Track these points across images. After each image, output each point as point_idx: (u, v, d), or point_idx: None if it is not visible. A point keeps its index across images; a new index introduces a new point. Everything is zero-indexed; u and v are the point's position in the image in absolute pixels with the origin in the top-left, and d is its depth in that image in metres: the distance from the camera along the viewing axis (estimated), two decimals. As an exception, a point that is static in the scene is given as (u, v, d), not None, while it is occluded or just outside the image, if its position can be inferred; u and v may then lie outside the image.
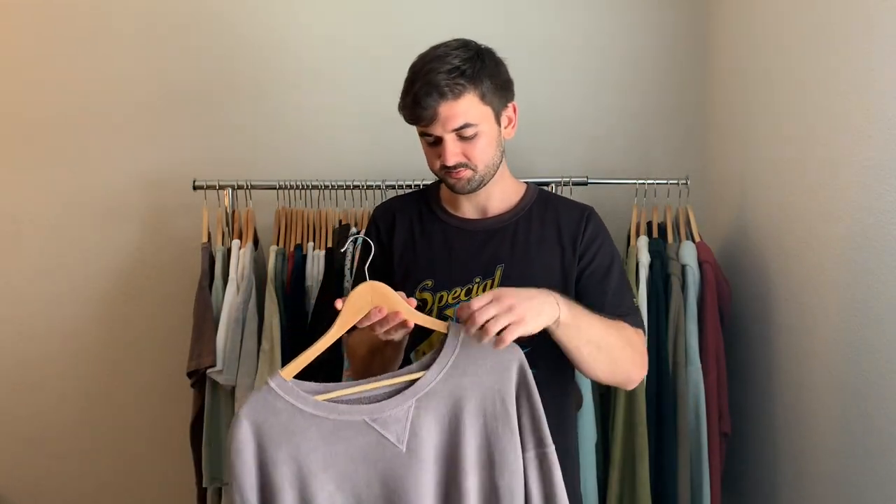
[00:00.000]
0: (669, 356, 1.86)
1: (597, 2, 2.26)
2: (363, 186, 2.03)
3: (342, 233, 1.99)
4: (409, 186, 2.00)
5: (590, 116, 2.27)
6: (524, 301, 1.16)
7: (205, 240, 2.00)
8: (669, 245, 1.95)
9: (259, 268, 2.01)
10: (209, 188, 2.04)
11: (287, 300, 1.95)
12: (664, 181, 2.03)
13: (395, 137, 2.21)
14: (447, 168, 1.34)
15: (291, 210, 2.06)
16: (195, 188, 2.04)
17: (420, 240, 1.44)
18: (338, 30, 2.27)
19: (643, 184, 2.03)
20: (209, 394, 1.91)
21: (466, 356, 1.20)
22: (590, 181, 2.04)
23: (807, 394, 1.70)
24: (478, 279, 1.39)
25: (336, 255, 1.94)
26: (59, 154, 2.28)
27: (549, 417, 1.25)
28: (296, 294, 1.96)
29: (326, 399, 1.19)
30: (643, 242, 1.94)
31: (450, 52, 1.32)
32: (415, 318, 1.22)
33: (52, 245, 2.29)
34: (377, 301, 1.21)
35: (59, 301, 2.30)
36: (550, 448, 1.21)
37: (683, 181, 2.02)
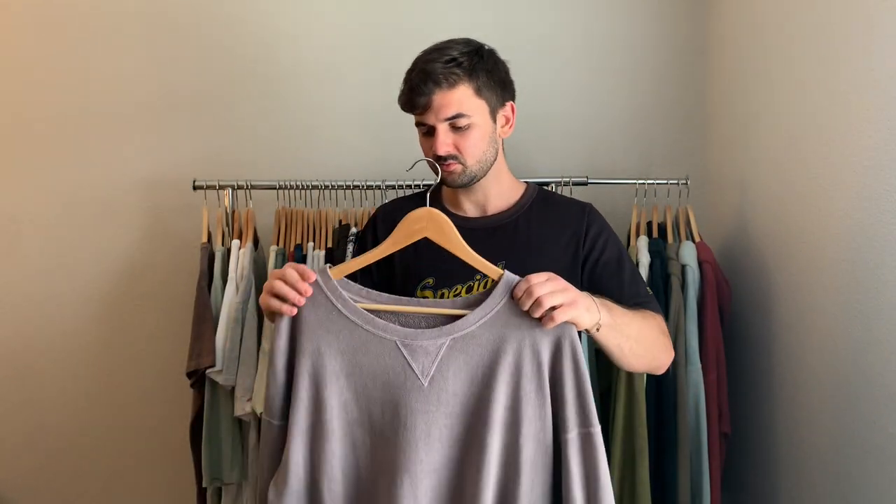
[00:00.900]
0: (669, 356, 1.86)
1: (597, 2, 2.26)
2: (363, 186, 2.03)
3: (342, 233, 1.99)
4: (409, 186, 2.00)
5: (590, 116, 2.27)
6: (574, 291, 1.17)
7: (205, 240, 2.00)
8: (669, 245, 1.95)
9: (259, 268, 2.01)
10: (209, 188, 2.04)
11: (287, 300, 1.94)
12: (664, 181, 2.03)
13: (396, 138, 2.22)
14: (439, 160, 1.36)
15: (291, 210, 2.06)
16: (195, 188, 2.04)
17: (421, 238, 1.45)
18: (338, 30, 2.27)
19: (643, 184, 2.03)
20: (209, 394, 1.91)
21: (512, 309, 1.16)
22: (590, 181, 2.04)
23: (806, 393, 1.70)
24: (478, 276, 1.39)
25: (336, 255, 1.94)
26: (59, 154, 2.28)
27: None
28: (296, 294, 1.96)
29: (366, 308, 1.19)
30: (643, 242, 1.94)
31: (451, 46, 1.36)
32: (468, 258, 1.23)
33: (52, 245, 2.29)
34: (431, 229, 1.22)
35: (59, 301, 2.30)
36: (596, 428, 1.16)
37: (683, 181, 2.02)
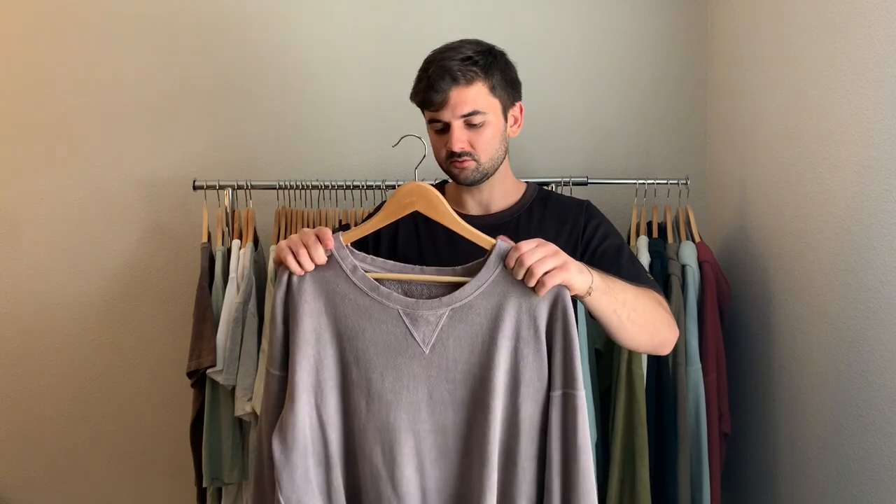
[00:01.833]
0: (669, 356, 1.86)
1: (597, 2, 2.26)
2: (363, 186, 2.03)
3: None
4: (409, 186, 2.00)
5: (590, 116, 2.27)
6: (564, 256, 1.18)
7: (205, 240, 2.00)
8: (669, 245, 1.95)
9: (259, 268, 2.01)
10: (209, 188, 2.04)
11: (287, 300, 1.95)
12: (664, 181, 2.03)
13: (396, 138, 2.22)
14: (453, 156, 1.38)
15: (291, 210, 2.06)
16: (195, 188, 2.04)
17: (424, 237, 1.47)
18: (338, 30, 2.26)
19: (643, 184, 2.03)
20: (209, 394, 1.91)
21: (507, 276, 1.19)
22: (590, 181, 2.04)
23: (806, 393, 1.70)
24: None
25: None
26: (59, 154, 2.28)
27: None
28: (296, 294, 1.96)
29: (373, 276, 1.22)
30: (643, 242, 1.94)
31: (464, 45, 1.39)
32: (460, 229, 1.25)
33: (52, 245, 2.29)
34: (421, 202, 1.24)
35: (59, 301, 2.30)
36: (579, 391, 1.17)
37: (683, 181, 2.02)
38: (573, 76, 2.27)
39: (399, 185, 2.00)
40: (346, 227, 2.03)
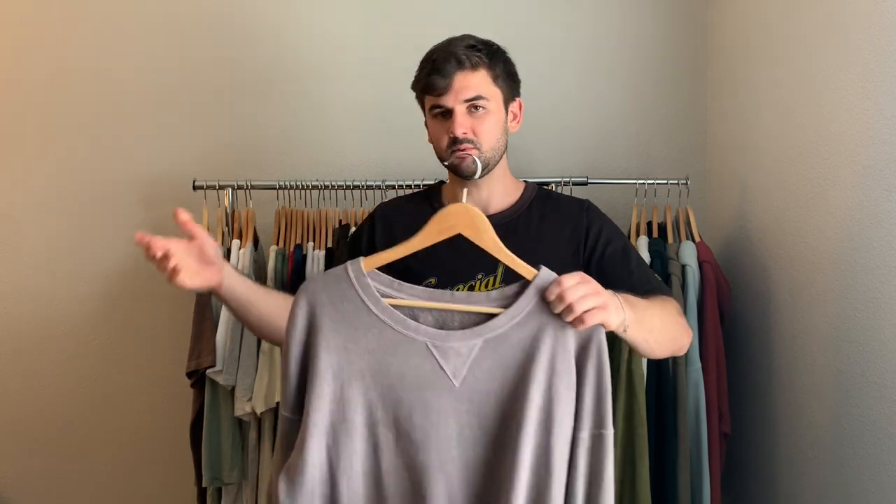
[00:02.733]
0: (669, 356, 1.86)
1: (597, 2, 2.26)
2: (363, 186, 2.03)
3: (342, 233, 1.99)
4: (409, 186, 2.00)
5: (590, 116, 2.27)
6: (606, 294, 1.15)
7: (205, 240, 2.00)
8: (669, 245, 1.95)
9: (259, 268, 2.01)
10: (209, 188, 2.04)
11: (287, 300, 1.95)
12: (664, 181, 2.03)
13: (396, 138, 2.23)
14: (454, 144, 1.38)
15: (291, 210, 2.06)
16: (195, 188, 2.04)
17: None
18: (339, 29, 2.26)
19: (643, 184, 2.03)
20: (209, 394, 1.90)
21: (543, 308, 1.15)
22: (590, 181, 2.04)
23: (806, 394, 1.70)
24: (480, 275, 1.40)
25: (336, 255, 1.94)
26: (59, 154, 2.28)
27: None
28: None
29: (396, 305, 1.16)
30: (643, 242, 1.94)
31: (467, 37, 1.42)
32: (503, 257, 1.20)
33: (52, 244, 2.29)
34: (464, 224, 1.19)
35: (59, 301, 2.30)
36: (608, 430, 1.14)
37: (683, 181, 2.02)
38: (573, 76, 2.27)
39: (399, 185, 2.02)
40: (346, 228, 2.04)
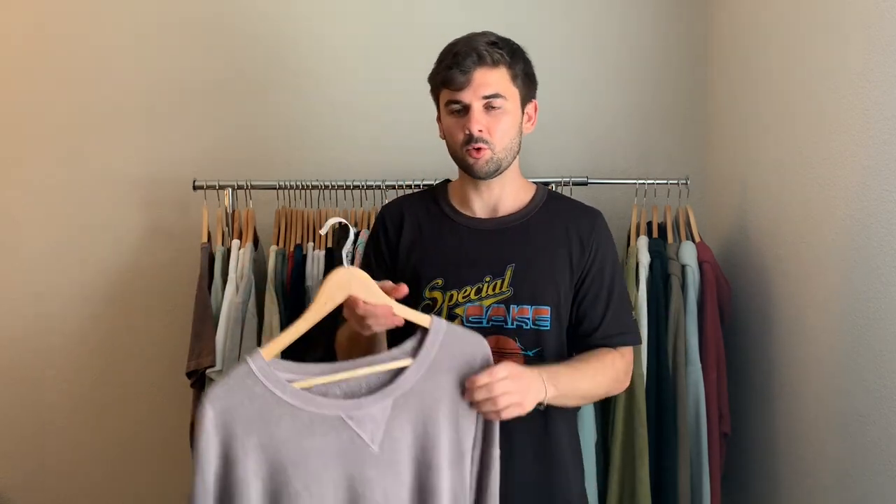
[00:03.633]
0: (669, 356, 1.86)
1: (597, 2, 2.26)
2: (363, 186, 2.03)
3: (342, 233, 1.99)
4: (410, 186, 2.00)
5: (590, 116, 2.27)
6: (525, 384, 1.21)
7: (205, 240, 2.00)
8: (669, 245, 1.95)
9: (259, 268, 2.01)
10: (209, 188, 2.04)
11: (287, 300, 1.95)
12: (664, 181, 2.03)
13: (396, 138, 2.23)
14: (469, 142, 1.36)
15: (291, 210, 2.06)
16: (195, 188, 2.04)
17: (429, 239, 1.44)
18: (339, 30, 2.26)
19: (643, 184, 2.03)
20: (209, 394, 1.91)
21: (446, 353, 1.19)
22: (590, 181, 2.04)
23: (806, 394, 1.70)
24: (488, 278, 1.39)
25: (336, 255, 1.94)
26: (59, 154, 2.28)
27: (568, 421, 1.38)
28: (296, 294, 1.96)
29: (305, 387, 1.15)
30: (643, 242, 1.94)
31: (488, 33, 1.40)
32: (400, 310, 1.22)
33: (52, 245, 2.29)
34: (357, 288, 1.18)
35: (59, 301, 2.30)
36: (496, 449, 1.21)
37: (683, 181, 2.02)
38: (573, 76, 2.27)
39: (399, 186, 2.02)
40: (346, 228, 2.03)
